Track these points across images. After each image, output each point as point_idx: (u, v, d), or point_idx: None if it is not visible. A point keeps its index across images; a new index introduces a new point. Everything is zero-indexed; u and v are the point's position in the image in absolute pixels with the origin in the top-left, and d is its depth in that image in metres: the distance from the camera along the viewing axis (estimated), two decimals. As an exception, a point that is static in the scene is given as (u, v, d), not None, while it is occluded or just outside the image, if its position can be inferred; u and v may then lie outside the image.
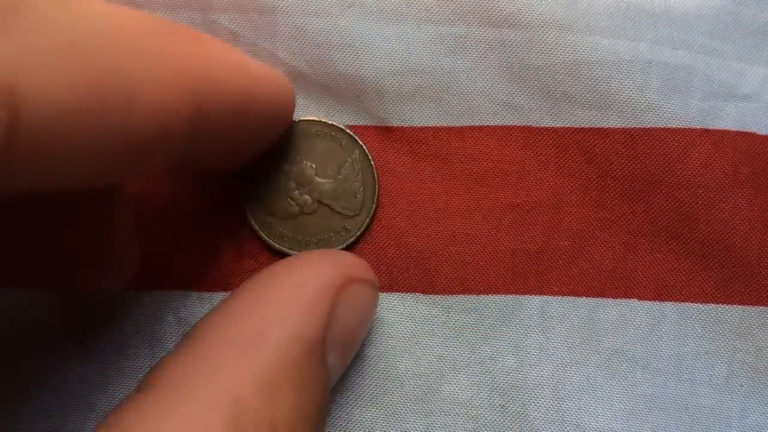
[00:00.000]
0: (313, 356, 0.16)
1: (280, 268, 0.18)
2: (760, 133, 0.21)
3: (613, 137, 0.21)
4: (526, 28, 0.21)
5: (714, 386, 0.21)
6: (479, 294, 0.21)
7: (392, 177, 0.21)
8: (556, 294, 0.21)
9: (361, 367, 0.21)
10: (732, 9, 0.21)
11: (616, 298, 0.21)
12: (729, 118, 0.21)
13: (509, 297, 0.21)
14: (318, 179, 0.21)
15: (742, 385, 0.21)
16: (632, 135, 0.21)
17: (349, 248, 0.21)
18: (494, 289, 0.21)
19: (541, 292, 0.21)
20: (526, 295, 0.21)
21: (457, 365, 0.21)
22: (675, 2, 0.21)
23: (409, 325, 0.21)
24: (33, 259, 0.18)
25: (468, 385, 0.21)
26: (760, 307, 0.21)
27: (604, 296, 0.21)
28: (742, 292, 0.21)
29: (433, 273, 0.21)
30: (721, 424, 0.20)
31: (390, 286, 0.21)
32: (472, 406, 0.21)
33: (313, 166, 0.21)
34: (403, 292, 0.21)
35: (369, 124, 0.21)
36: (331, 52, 0.21)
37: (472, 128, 0.21)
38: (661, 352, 0.21)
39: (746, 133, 0.21)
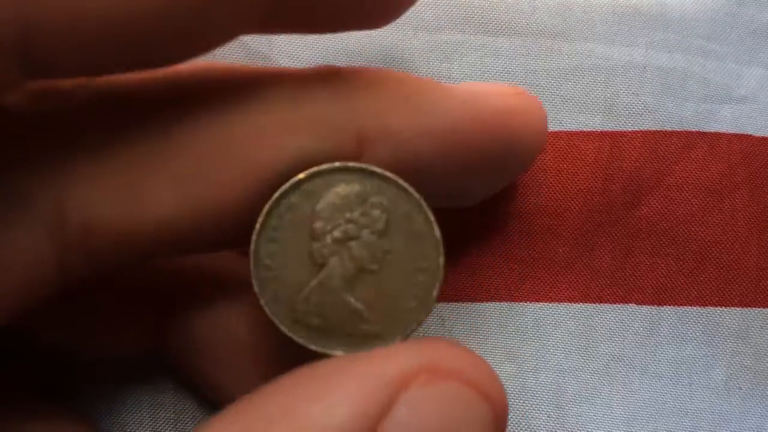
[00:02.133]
0: None
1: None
2: (755, 134, 0.21)
3: (612, 140, 0.21)
4: (522, 35, 0.21)
5: (713, 389, 0.21)
6: (473, 302, 0.21)
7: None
8: (552, 301, 0.21)
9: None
10: (729, 10, 0.21)
11: (614, 303, 0.21)
12: (725, 121, 0.21)
13: (503, 305, 0.21)
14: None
15: (740, 388, 0.21)
16: (631, 138, 0.21)
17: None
18: (488, 297, 0.21)
19: (536, 299, 0.21)
20: (520, 303, 0.21)
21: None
22: (672, 5, 0.21)
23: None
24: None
25: None
26: (759, 309, 0.21)
27: (602, 302, 0.21)
28: (741, 294, 0.21)
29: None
30: (721, 427, 0.20)
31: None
32: None
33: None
34: None
35: None
36: (328, 57, 0.21)
37: None
38: (660, 357, 0.21)
39: (742, 135, 0.21)
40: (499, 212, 0.21)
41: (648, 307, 0.21)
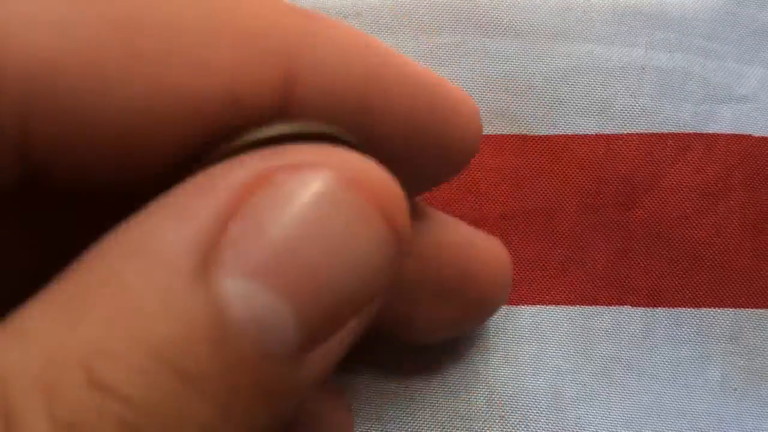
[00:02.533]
0: (190, 276, 0.10)
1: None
2: (755, 134, 0.21)
3: (607, 143, 0.21)
4: (521, 37, 0.21)
5: (709, 390, 0.21)
6: None
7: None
8: (548, 303, 0.21)
9: (353, 383, 0.20)
10: (730, 9, 0.21)
11: (610, 305, 0.21)
12: (724, 121, 0.21)
13: (501, 308, 0.21)
14: None
15: (736, 388, 0.21)
16: (626, 140, 0.21)
17: None
18: None
19: (533, 302, 0.21)
20: (518, 306, 0.21)
21: (451, 378, 0.20)
22: (672, 4, 0.21)
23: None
24: None
25: (465, 398, 0.20)
26: (752, 310, 0.21)
27: (597, 304, 0.21)
28: (735, 295, 0.21)
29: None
30: (719, 428, 0.21)
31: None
32: (471, 419, 0.20)
33: None
34: None
35: None
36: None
37: None
38: (656, 358, 0.21)
39: (741, 135, 0.21)
40: (494, 215, 0.21)
41: (643, 309, 0.21)
